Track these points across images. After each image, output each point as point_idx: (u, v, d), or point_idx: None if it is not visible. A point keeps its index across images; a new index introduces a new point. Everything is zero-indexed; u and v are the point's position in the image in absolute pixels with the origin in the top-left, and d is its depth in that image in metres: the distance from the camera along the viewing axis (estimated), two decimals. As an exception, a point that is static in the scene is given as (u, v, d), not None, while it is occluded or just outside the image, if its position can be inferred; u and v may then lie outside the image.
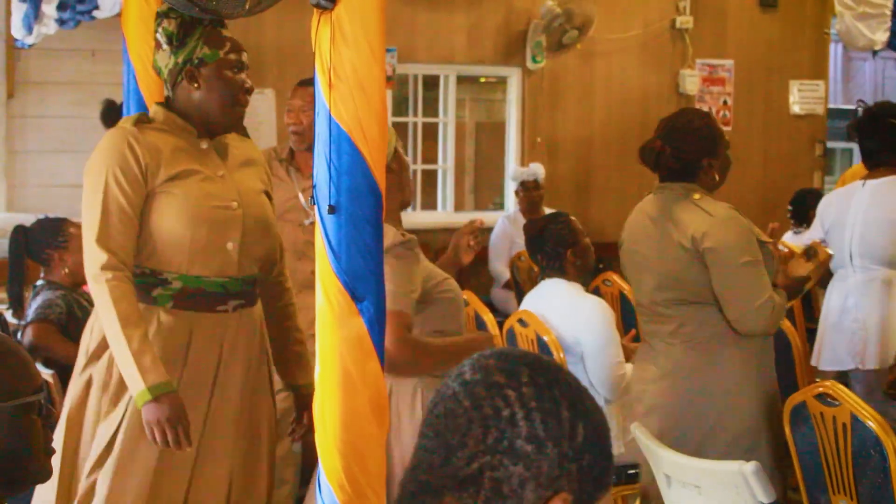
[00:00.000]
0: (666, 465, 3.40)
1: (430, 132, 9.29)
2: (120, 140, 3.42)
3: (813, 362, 5.32)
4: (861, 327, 5.25)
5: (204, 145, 3.53)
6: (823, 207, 5.59)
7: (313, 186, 2.80)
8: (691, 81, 9.48)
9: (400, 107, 9.10)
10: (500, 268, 8.27)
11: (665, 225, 4.04)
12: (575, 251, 4.94)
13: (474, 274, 8.46)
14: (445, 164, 9.26)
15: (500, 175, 9.45)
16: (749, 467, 3.07)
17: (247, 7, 3.36)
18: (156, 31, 3.48)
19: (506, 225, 8.33)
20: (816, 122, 10.15)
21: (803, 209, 7.52)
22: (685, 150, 4.04)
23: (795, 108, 10.04)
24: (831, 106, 10.43)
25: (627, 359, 4.86)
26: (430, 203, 9.36)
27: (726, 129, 9.64)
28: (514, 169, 8.59)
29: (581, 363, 4.81)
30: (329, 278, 2.78)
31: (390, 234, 3.38)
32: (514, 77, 9.16)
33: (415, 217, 9.03)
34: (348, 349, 2.78)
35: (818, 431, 3.63)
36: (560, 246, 4.94)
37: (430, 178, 9.37)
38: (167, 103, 3.54)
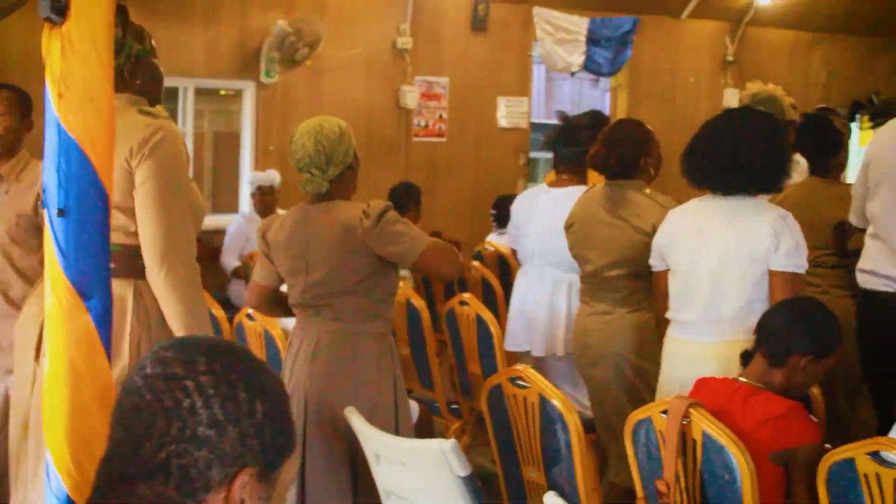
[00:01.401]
0: (374, 445, 3.43)
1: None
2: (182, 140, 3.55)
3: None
4: (541, 317, 5.40)
5: None
6: (515, 209, 5.74)
7: (43, 191, 2.73)
8: (411, 97, 9.60)
9: (141, 116, 8.88)
10: (230, 261, 8.24)
11: (622, 213, 4.64)
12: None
13: (210, 273, 8.35)
14: (184, 170, 9.09)
15: (235, 180, 9.35)
16: (448, 444, 3.13)
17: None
18: None
19: (242, 223, 8.29)
20: (521, 134, 10.43)
21: (504, 213, 7.70)
22: (626, 154, 4.70)
23: (503, 122, 10.28)
24: (534, 120, 10.73)
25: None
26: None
27: (441, 140, 9.87)
28: (252, 174, 8.50)
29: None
30: (58, 277, 2.71)
31: (362, 210, 3.80)
32: (248, 90, 9.08)
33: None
34: (76, 345, 2.71)
35: (511, 410, 3.73)
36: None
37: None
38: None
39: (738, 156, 3.94)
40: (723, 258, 3.93)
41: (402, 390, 3.96)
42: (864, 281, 4.72)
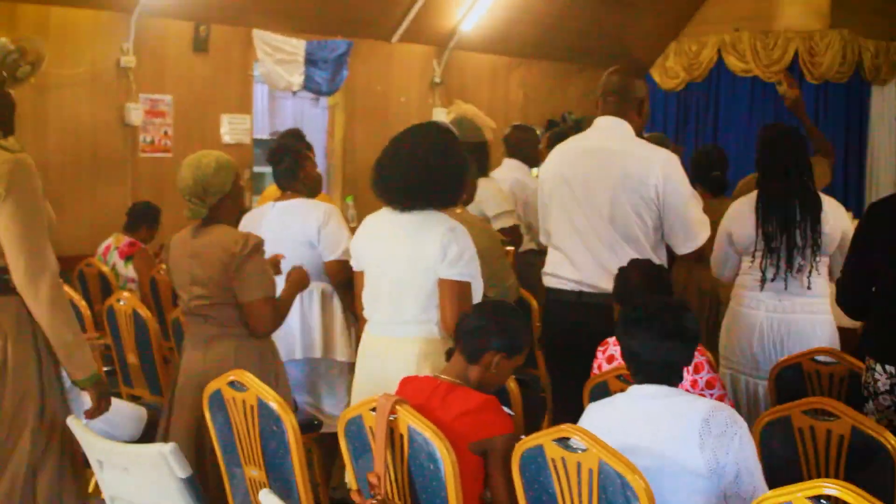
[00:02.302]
0: (97, 452, 3.34)
1: None
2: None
3: None
4: (293, 325, 5.36)
5: None
6: (243, 225, 5.67)
7: None
8: (136, 114, 9.35)
9: None
10: None
11: None
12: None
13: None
14: None
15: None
16: (167, 448, 3.08)
17: None
18: None
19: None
20: (245, 150, 10.32)
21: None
22: None
23: (226, 138, 10.15)
24: (257, 136, 10.65)
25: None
26: None
27: (167, 155, 9.66)
28: None
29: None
30: None
31: (245, 238, 4.21)
32: (-29, 106, 8.62)
33: None
34: None
35: (231, 415, 3.71)
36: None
37: None
38: None
39: (410, 175, 4.03)
40: (402, 266, 4.05)
41: (284, 383, 4.41)
42: (546, 281, 4.98)
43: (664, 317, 3.27)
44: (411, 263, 4.02)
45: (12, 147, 3.65)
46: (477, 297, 4.07)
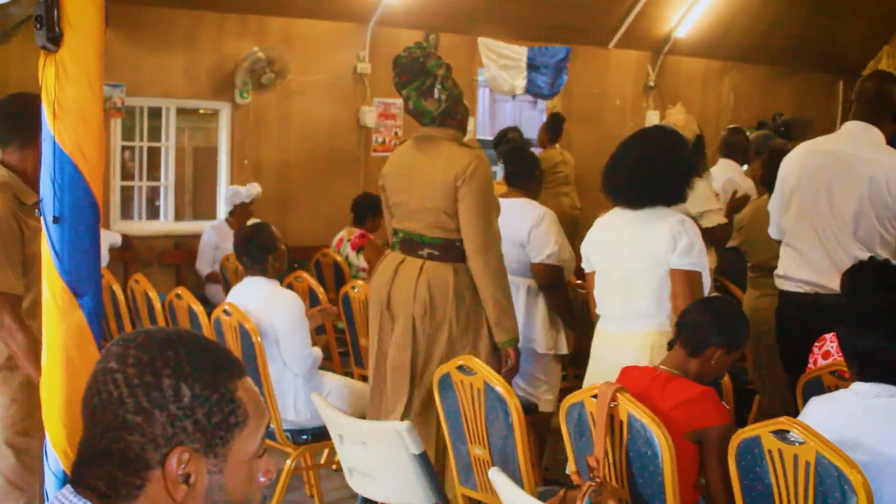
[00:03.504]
0: (338, 427, 3.42)
1: (155, 155, 9.03)
2: None
3: None
4: None
5: None
6: None
7: (40, 200, 2.70)
8: (370, 116, 9.58)
9: (129, 133, 8.80)
10: (203, 267, 8.08)
11: None
12: (275, 255, 4.96)
13: (191, 273, 8.29)
14: (167, 181, 9.02)
15: (213, 190, 9.26)
16: (402, 426, 3.13)
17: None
18: (434, 87, 4.24)
19: (212, 233, 8.12)
20: (468, 150, 10.42)
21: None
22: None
23: (452, 139, 10.27)
24: (479, 137, 10.73)
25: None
26: (153, 214, 9.09)
27: (397, 154, 9.84)
28: (250, 186, 8.23)
29: (276, 345, 4.79)
30: (53, 278, 2.69)
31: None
32: (224, 110, 8.99)
33: (141, 226, 8.76)
34: (71, 337, 2.69)
35: (459, 396, 3.73)
36: (262, 251, 4.94)
37: (154, 193, 9.10)
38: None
39: (639, 175, 3.97)
40: (634, 261, 3.98)
41: None
42: (779, 283, 4.81)
43: (893, 316, 3.12)
44: (643, 257, 3.95)
45: (473, 145, 4.21)
46: (705, 290, 3.99)
